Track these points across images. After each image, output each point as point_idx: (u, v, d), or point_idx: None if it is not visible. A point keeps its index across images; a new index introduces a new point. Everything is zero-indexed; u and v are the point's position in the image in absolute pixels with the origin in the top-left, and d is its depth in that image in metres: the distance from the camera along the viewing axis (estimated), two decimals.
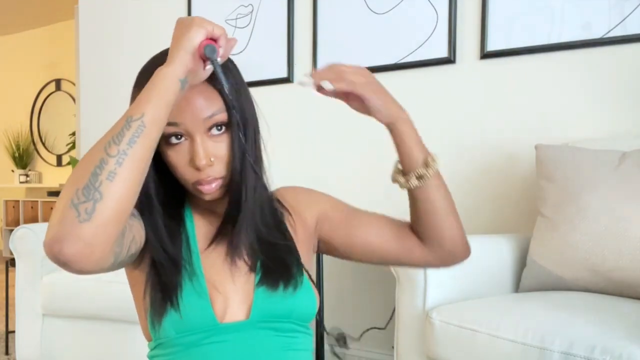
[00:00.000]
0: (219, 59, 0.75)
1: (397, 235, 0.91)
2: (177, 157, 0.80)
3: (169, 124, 0.77)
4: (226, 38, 0.76)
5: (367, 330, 2.32)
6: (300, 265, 0.87)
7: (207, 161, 0.79)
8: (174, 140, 0.80)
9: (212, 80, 0.79)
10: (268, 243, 0.87)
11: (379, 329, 2.27)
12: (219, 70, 0.74)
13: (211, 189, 0.82)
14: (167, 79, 0.72)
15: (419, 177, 0.85)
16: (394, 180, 0.88)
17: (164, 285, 0.81)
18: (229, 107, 0.80)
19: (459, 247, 0.91)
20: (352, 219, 0.93)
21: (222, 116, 0.80)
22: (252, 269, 0.85)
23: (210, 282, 0.83)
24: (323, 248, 0.97)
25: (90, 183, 0.65)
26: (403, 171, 0.87)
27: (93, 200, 0.64)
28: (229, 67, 0.83)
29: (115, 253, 0.71)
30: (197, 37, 0.73)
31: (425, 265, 0.93)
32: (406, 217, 0.93)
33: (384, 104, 0.83)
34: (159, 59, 0.79)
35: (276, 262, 0.85)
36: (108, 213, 0.65)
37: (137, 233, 0.79)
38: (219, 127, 0.81)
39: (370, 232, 0.92)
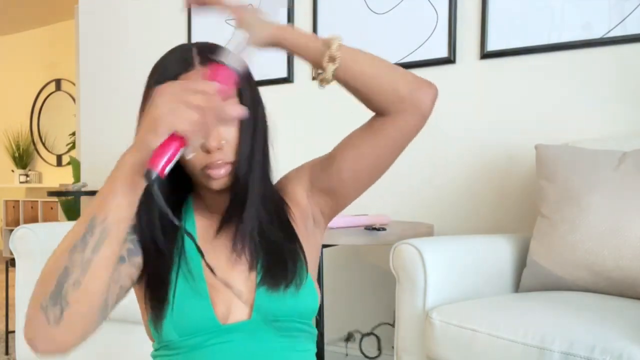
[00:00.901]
0: (190, 155, 0.72)
1: (368, 133, 0.86)
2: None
3: None
4: (204, 130, 0.65)
5: (370, 332, 2.32)
6: (303, 263, 0.86)
7: (218, 143, 0.79)
8: None
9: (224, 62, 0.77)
10: (270, 241, 0.86)
11: (388, 324, 2.27)
12: (159, 199, 0.65)
13: (220, 174, 0.81)
14: (133, 172, 0.66)
15: (332, 59, 0.81)
16: (319, 82, 0.84)
17: (162, 289, 0.81)
18: (239, 92, 0.81)
19: (418, 89, 0.84)
20: (330, 157, 0.90)
21: (234, 101, 0.81)
22: (254, 267, 0.84)
23: (211, 283, 0.82)
24: (327, 211, 0.93)
25: (56, 290, 0.67)
26: (318, 70, 0.83)
27: (60, 306, 0.66)
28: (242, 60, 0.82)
29: (98, 323, 0.73)
30: (152, 144, 0.64)
31: (410, 130, 0.86)
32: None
33: (255, 26, 0.79)
34: (169, 58, 0.81)
35: (278, 261, 0.84)
36: (76, 317, 0.67)
37: (125, 279, 0.79)
38: None
39: (347, 155, 0.88)
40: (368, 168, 0.88)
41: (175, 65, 0.81)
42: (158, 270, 0.82)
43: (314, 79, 0.83)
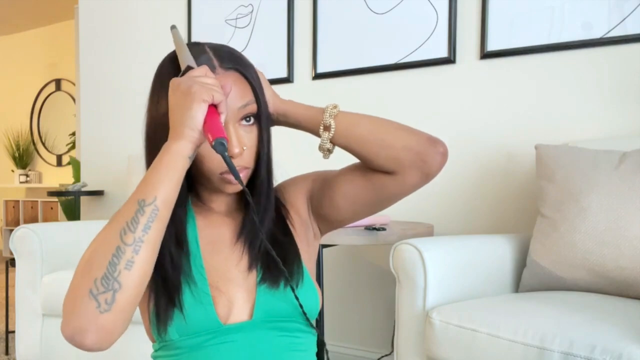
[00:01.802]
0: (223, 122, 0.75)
1: (367, 181, 0.86)
2: (208, 147, 0.79)
3: None
4: (225, 99, 0.75)
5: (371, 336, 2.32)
6: (301, 262, 0.86)
7: (241, 150, 0.80)
8: None
9: (241, 70, 0.82)
10: (270, 241, 0.86)
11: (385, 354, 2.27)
12: (233, 166, 0.73)
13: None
14: (176, 158, 0.72)
15: (327, 128, 0.83)
16: (321, 151, 0.86)
17: (167, 291, 0.80)
18: (258, 99, 0.82)
19: (423, 151, 0.81)
20: (329, 183, 0.90)
21: (253, 107, 0.82)
22: (253, 267, 0.85)
23: (212, 283, 0.83)
24: (323, 226, 0.95)
25: (108, 273, 0.66)
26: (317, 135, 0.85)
27: (112, 290, 0.66)
28: (249, 65, 0.84)
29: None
30: (200, 114, 0.71)
31: (410, 189, 0.85)
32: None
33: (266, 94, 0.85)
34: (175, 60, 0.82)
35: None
36: (128, 300, 0.67)
37: None
38: (248, 118, 0.82)
39: (346, 187, 0.87)
40: (364, 208, 0.89)
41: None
42: (167, 273, 0.81)
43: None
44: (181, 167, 0.72)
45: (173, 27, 0.86)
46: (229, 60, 0.82)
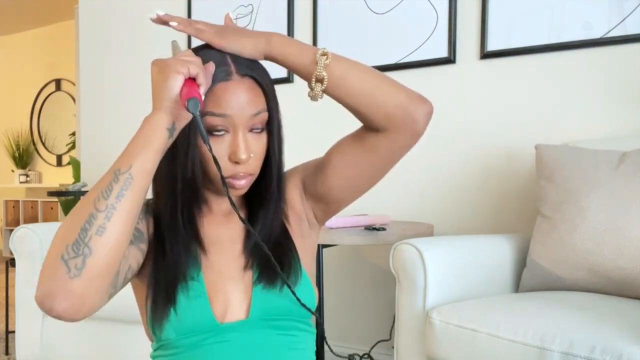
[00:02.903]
0: (203, 97, 0.75)
1: (358, 146, 0.85)
2: (216, 150, 0.80)
3: (216, 114, 0.79)
4: (203, 71, 0.75)
5: (375, 343, 2.32)
6: (297, 261, 0.87)
7: (248, 156, 0.80)
8: (215, 132, 0.80)
9: (257, 79, 0.82)
10: (268, 241, 0.87)
11: (385, 341, 2.27)
12: (202, 127, 0.73)
13: (242, 184, 0.83)
14: (155, 129, 0.73)
15: (320, 80, 0.81)
16: (310, 97, 0.84)
17: (164, 289, 0.81)
18: (270, 108, 0.83)
19: (413, 108, 0.80)
20: (321, 164, 0.90)
21: (264, 116, 0.82)
22: (249, 266, 0.85)
23: (209, 282, 0.83)
24: (320, 214, 0.94)
25: (79, 238, 0.67)
26: (308, 84, 0.83)
27: (83, 255, 0.66)
28: (264, 71, 0.84)
29: (110, 294, 0.73)
30: (176, 84, 0.72)
31: (402, 148, 0.84)
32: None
33: (242, 45, 0.81)
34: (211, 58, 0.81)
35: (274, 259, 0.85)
36: (98, 267, 0.67)
37: (132, 260, 0.79)
38: (258, 127, 0.83)
39: (336, 164, 0.87)
40: (357, 179, 0.88)
41: (219, 72, 0.81)
42: (165, 271, 0.82)
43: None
44: (159, 137, 0.73)
45: (174, 42, 0.86)
46: (246, 67, 0.82)
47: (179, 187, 0.82)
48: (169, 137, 0.74)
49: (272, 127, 0.84)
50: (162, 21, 0.83)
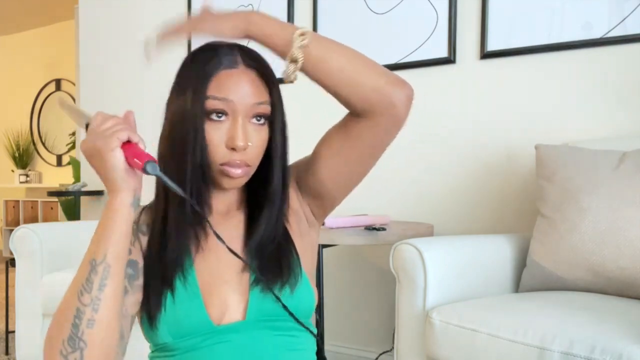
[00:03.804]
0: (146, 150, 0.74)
1: (342, 135, 0.84)
2: (214, 134, 0.79)
3: (218, 98, 0.78)
4: (130, 127, 0.74)
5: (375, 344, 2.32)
6: (297, 262, 0.86)
7: (245, 144, 0.79)
8: (215, 117, 0.79)
9: (262, 72, 0.82)
10: (271, 241, 0.86)
11: (388, 352, 2.27)
12: (170, 183, 0.73)
13: (237, 173, 0.81)
14: (119, 211, 0.73)
15: (293, 60, 0.78)
16: (284, 77, 0.80)
17: (156, 292, 0.81)
18: (273, 104, 0.82)
19: (391, 91, 0.78)
20: (309, 160, 0.90)
21: (267, 108, 0.82)
22: (247, 268, 0.84)
23: (204, 284, 0.82)
24: (317, 211, 0.93)
25: (73, 334, 0.70)
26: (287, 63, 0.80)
27: (79, 349, 0.70)
28: (271, 71, 0.84)
29: (123, 351, 0.78)
30: (119, 162, 0.71)
31: (385, 134, 0.83)
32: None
33: (220, 26, 0.78)
34: (220, 52, 0.81)
35: (271, 261, 0.84)
36: (97, 355, 0.71)
37: (132, 307, 0.81)
38: (259, 118, 0.82)
39: (323, 155, 0.87)
40: (346, 169, 0.87)
41: (225, 60, 0.81)
42: (157, 275, 0.82)
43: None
44: (126, 218, 0.73)
45: (62, 102, 0.87)
46: (253, 59, 0.82)
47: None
48: (134, 210, 0.75)
49: (274, 122, 0.84)
50: (164, 43, 0.81)
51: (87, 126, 0.76)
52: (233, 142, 0.79)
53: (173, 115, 0.82)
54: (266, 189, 0.86)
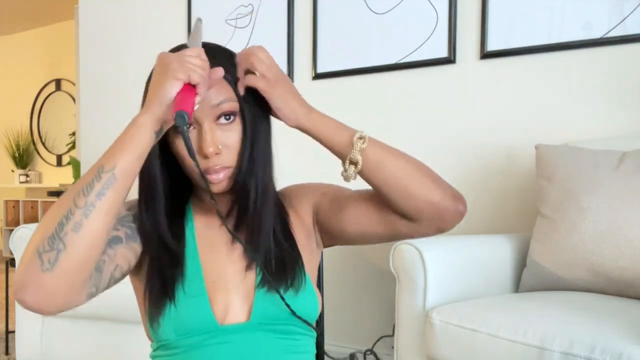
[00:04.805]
0: (196, 107, 0.74)
1: (378, 213, 0.84)
2: (184, 148, 0.78)
3: None
4: (205, 79, 0.73)
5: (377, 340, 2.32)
6: (302, 267, 0.86)
7: (215, 149, 0.78)
8: None
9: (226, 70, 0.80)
10: (272, 243, 0.86)
11: (388, 336, 2.27)
12: (188, 140, 0.72)
13: (219, 178, 0.80)
14: (143, 132, 0.72)
15: (353, 163, 0.79)
16: (343, 178, 0.82)
17: (161, 285, 0.80)
18: (238, 97, 0.80)
19: (443, 208, 0.78)
20: (340, 204, 0.89)
21: (231, 105, 0.80)
22: (252, 269, 0.84)
23: (209, 283, 0.82)
24: (326, 240, 0.94)
25: (55, 233, 0.66)
26: (342, 164, 0.81)
27: (57, 250, 0.66)
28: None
29: (90, 292, 0.72)
30: (172, 91, 0.71)
31: (420, 236, 0.84)
32: None
33: (286, 103, 0.80)
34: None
35: (278, 264, 0.84)
36: (71, 263, 0.66)
37: (121, 260, 0.79)
38: (228, 117, 0.80)
39: (357, 215, 0.86)
40: (370, 235, 0.87)
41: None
42: (163, 267, 0.81)
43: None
44: (145, 140, 0.72)
45: (198, 20, 0.85)
46: (219, 56, 0.81)
47: (167, 184, 0.83)
48: (155, 139, 0.74)
49: (241, 117, 0.81)
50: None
51: (181, 46, 0.78)
52: (202, 150, 0.78)
53: None
54: (249, 181, 0.83)
